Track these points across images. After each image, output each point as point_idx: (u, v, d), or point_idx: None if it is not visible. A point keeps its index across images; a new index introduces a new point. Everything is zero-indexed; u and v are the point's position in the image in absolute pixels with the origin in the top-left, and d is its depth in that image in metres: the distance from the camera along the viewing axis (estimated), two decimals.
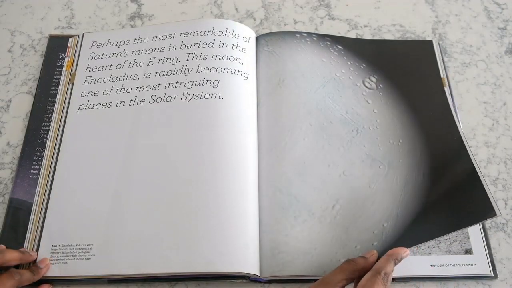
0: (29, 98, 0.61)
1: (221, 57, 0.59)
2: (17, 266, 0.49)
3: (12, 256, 0.48)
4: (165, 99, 0.58)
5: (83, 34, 0.64)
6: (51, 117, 0.59)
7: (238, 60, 0.60)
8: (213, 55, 0.60)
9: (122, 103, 0.58)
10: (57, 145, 0.56)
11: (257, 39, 0.63)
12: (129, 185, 0.53)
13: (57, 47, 0.64)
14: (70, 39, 0.64)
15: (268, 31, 0.66)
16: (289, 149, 0.55)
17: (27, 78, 0.63)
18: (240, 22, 0.66)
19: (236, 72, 0.58)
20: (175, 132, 0.55)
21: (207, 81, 0.58)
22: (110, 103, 0.58)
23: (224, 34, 0.61)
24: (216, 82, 0.57)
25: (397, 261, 0.45)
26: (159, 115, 0.57)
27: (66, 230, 0.51)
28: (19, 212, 0.53)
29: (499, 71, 0.64)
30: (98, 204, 0.52)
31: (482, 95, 0.62)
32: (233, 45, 0.60)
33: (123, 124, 0.57)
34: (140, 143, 0.55)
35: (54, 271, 0.49)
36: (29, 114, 0.60)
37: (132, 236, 0.50)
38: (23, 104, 0.61)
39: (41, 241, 0.51)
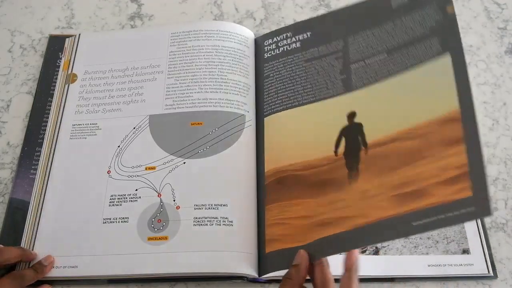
0: (29, 98, 0.61)
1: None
2: (14, 267, 0.49)
3: (11, 253, 0.47)
4: None
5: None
6: None
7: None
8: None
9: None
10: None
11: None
12: None
13: (57, 47, 0.64)
14: (67, 39, 0.64)
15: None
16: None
17: (27, 78, 0.63)
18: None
19: None
20: None
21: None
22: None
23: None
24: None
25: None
26: None
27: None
28: (19, 212, 0.53)
29: (499, 71, 0.64)
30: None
31: (482, 95, 0.62)
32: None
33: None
34: None
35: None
36: (29, 114, 0.60)
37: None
38: (23, 104, 0.61)
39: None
